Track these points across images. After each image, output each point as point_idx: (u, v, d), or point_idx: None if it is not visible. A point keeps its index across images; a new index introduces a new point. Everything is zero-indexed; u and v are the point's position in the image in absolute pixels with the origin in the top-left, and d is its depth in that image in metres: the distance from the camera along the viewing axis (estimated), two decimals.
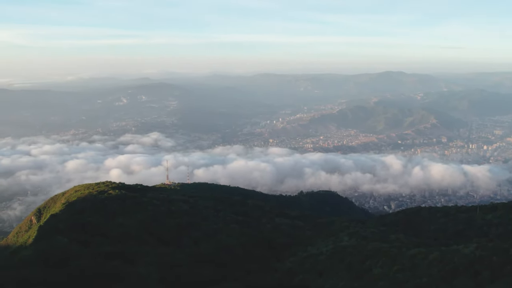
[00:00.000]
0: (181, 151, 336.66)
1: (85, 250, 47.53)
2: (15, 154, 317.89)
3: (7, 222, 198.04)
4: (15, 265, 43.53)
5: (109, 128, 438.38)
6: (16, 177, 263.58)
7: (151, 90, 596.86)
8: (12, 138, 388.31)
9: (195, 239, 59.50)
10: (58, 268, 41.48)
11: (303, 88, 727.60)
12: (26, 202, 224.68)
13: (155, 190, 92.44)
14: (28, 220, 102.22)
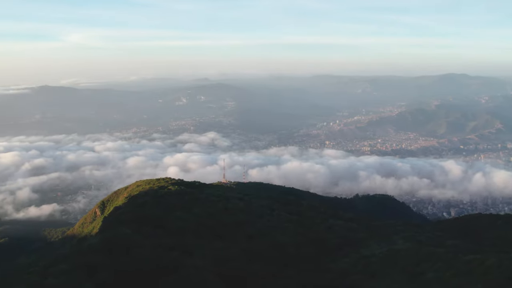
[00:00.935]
0: (236, 150, 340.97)
1: (146, 241, 50.21)
2: (80, 150, 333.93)
3: (72, 214, 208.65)
4: (83, 251, 46.89)
5: (168, 127, 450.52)
6: (80, 172, 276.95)
7: (210, 91, 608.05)
8: (77, 135, 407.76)
9: (250, 236, 60.95)
10: (121, 256, 44.28)
11: (361, 90, 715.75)
12: (90, 195, 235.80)
13: (212, 187, 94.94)
14: (93, 212, 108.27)
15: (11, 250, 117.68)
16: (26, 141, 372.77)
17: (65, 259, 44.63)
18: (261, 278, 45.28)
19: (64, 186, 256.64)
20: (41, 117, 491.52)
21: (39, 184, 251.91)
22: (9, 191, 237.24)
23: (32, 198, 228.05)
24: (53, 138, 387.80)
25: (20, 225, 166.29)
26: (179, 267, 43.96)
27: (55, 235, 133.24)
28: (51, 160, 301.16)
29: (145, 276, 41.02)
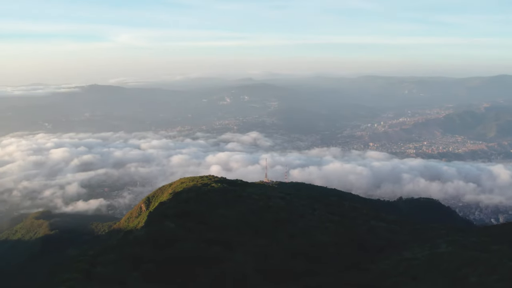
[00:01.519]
0: (278, 151, 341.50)
1: (189, 235, 51.69)
2: (126, 148, 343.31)
3: (118, 209, 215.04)
4: (129, 243, 48.84)
5: (212, 126, 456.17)
6: (126, 168, 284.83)
7: (254, 91, 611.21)
8: (124, 133, 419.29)
9: (291, 234, 61.45)
10: (165, 249, 45.91)
11: (407, 91, 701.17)
12: (135, 192, 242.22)
13: (254, 186, 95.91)
14: (138, 207, 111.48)
15: (61, 242, 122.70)
16: (76, 138, 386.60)
17: (112, 250, 46.72)
18: (301, 275, 45.78)
19: (111, 182, 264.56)
20: (90, 115, 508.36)
21: (87, 179, 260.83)
22: (59, 186, 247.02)
23: (81, 193, 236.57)
24: (101, 136, 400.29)
25: (69, 218, 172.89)
26: (221, 261, 45.13)
27: (102, 228, 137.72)
28: (99, 157, 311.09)
29: (187, 268, 42.36)
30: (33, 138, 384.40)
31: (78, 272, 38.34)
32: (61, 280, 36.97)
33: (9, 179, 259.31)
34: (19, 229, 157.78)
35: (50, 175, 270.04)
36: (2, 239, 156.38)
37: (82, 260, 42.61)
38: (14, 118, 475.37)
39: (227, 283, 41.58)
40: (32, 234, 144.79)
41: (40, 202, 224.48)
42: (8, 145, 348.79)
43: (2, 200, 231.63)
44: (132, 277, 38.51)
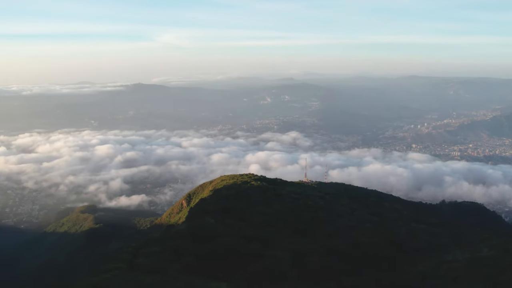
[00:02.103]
0: (318, 151, 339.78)
1: (229, 231, 52.82)
2: (168, 145, 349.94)
3: (160, 205, 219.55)
4: (171, 237, 50.47)
5: (252, 125, 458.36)
6: (168, 165, 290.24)
7: (294, 90, 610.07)
8: (166, 130, 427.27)
9: (329, 234, 61.66)
10: (205, 243, 47.18)
11: (452, 92, 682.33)
12: (176, 188, 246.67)
13: (293, 185, 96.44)
14: (179, 204, 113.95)
15: (104, 235, 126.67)
16: (120, 135, 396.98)
17: (155, 242, 48.45)
18: (338, 274, 46.03)
19: (153, 179, 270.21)
20: (134, 113, 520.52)
21: (130, 175, 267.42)
22: (103, 181, 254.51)
23: (123, 189, 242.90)
24: (144, 133, 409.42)
25: (113, 213, 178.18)
26: (259, 257, 45.98)
27: (144, 224, 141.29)
28: (142, 154, 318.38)
29: (227, 263, 43.44)
30: (79, 135, 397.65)
31: (122, 262, 40.08)
32: (106, 269, 38.74)
33: (56, 173, 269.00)
34: (65, 222, 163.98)
35: (95, 171, 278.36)
36: (50, 231, 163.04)
37: (126, 251, 44.44)
38: (62, 115, 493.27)
39: (265, 279, 42.37)
40: (78, 227, 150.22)
41: (85, 196, 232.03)
42: (56, 141, 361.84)
43: (50, 194, 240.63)
44: (173, 268, 39.90)
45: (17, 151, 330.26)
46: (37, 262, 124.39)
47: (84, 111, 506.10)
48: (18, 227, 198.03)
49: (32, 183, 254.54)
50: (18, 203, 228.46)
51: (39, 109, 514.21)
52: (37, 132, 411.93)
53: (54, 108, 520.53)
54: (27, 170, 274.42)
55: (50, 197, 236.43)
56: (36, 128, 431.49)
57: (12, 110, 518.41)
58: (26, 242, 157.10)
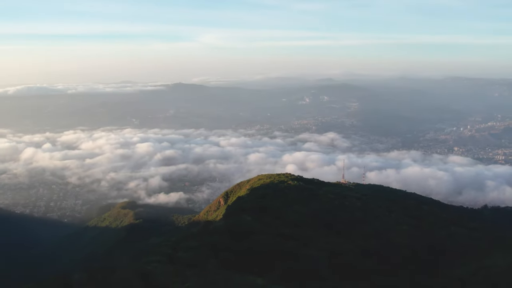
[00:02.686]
0: (355, 152, 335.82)
1: (265, 229, 53.64)
2: (206, 144, 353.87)
3: (197, 203, 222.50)
4: (209, 233, 51.68)
5: (290, 126, 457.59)
6: (205, 164, 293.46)
7: (334, 91, 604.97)
8: (205, 130, 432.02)
9: (365, 234, 61.56)
10: (242, 240, 48.12)
11: (498, 94, 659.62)
12: (213, 187, 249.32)
13: (330, 185, 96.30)
14: (217, 202, 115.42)
15: (144, 231, 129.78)
16: (160, 133, 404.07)
17: (193, 238, 49.77)
18: (373, 274, 46.08)
19: (191, 177, 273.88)
20: (174, 112, 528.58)
21: (168, 173, 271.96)
22: (143, 178, 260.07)
23: (162, 186, 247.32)
24: (183, 132, 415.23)
25: (152, 209, 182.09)
26: (295, 255, 46.56)
27: (182, 220, 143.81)
28: (180, 152, 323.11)
29: (263, 260, 44.19)
30: (121, 133, 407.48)
31: (162, 256, 41.53)
32: (146, 261, 40.24)
33: (98, 170, 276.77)
34: (107, 217, 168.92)
35: (135, 168, 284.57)
36: (92, 225, 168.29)
37: (165, 245, 45.94)
38: (105, 114, 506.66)
39: (300, 276, 42.90)
40: (119, 222, 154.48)
41: (125, 193, 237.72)
42: (99, 138, 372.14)
43: (92, 190, 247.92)
44: (211, 263, 40.96)
45: (62, 147, 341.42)
46: (80, 255, 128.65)
47: (126, 110, 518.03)
48: (61, 220, 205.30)
49: (75, 178, 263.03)
50: (62, 197, 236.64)
51: (83, 107, 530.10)
52: (81, 130, 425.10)
53: (97, 107, 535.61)
54: (71, 166, 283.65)
55: (92, 193, 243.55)
56: (80, 126, 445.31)
57: (58, 108, 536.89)
58: (69, 236, 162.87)
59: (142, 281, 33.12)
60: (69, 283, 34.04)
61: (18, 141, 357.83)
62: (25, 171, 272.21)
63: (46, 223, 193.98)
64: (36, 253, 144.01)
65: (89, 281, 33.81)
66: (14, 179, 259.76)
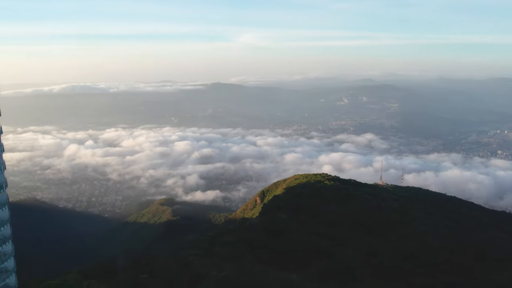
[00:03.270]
0: (394, 154, 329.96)
1: (301, 227, 54.14)
2: (243, 143, 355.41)
3: (234, 202, 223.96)
4: (245, 229, 52.59)
5: (328, 126, 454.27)
6: (242, 163, 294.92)
7: (373, 92, 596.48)
8: (242, 129, 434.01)
9: (401, 235, 61.14)
10: (277, 237, 48.77)
11: None
12: (249, 186, 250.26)
13: (367, 186, 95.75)
14: (253, 200, 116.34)
15: (181, 228, 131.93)
16: (198, 132, 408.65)
17: (230, 234, 50.79)
18: (409, 275, 45.83)
19: (228, 175, 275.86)
20: (213, 111, 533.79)
21: (205, 171, 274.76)
22: (180, 176, 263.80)
23: (199, 184, 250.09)
24: (220, 131, 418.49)
25: (189, 206, 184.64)
26: (330, 253, 46.82)
27: (218, 218, 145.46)
28: (218, 151, 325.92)
29: (298, 257, 44.71)
30: (160, 131, 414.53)
31: (199, 250, 42.66)
32: (184, 254, 41.45)
33: (138, 167, 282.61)
34: (146, 213, 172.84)
35: (173, 166, 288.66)
36: (131, 221, 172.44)
37: (202, 240, 47.10)
38: (145, 112, 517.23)
39: (335, 274, 43.17)
40: (157, 219, 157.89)
41: (163, 190, 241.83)
42: (139, 136, 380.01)
43: (131, 186, 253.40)
44: (246, 258, 41.77)
45: (104, 144, 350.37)
46: (119, 249, 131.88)
47: (166, 109, 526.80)
48: (102, 215, 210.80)
49: (116, 175, 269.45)
50: (103, 193, 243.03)
51: (124, 106, 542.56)
52: (122, 128, 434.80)
53: (138, 105, 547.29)
54: (111, 163, 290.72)
55: (131, 189, 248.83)
56: (121, 124, 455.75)
57: (100, 106, 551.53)
58: (109, 230, 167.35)
59: (182, 268, 34.33)
60: (115, 267, 35.75)
61: (62, 138, 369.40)
62: (68, 167, 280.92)
63: (88, 218, 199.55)
64: (77, 246, 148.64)
65: (133, 266, 35.41)
66: (58, 174, 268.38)
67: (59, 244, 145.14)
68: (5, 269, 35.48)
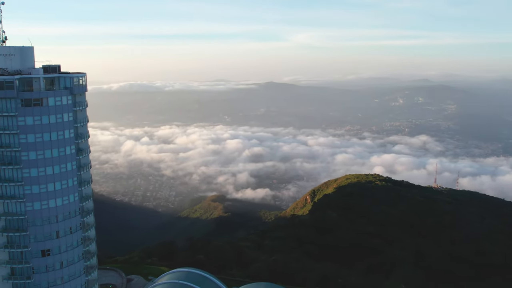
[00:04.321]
0: (449, 156, 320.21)
1: (350, 226, 54.52)
2: (294, 143, 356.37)
3: (284, 201, 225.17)
4: (295, 225, 53.67)
5: (382, 127, 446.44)
6: (292, 163, 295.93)
7: (430, 92, 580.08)
8: (293, 128, 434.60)
9: (453, 239, 60.20)
10: (326, 234, 49.44)
11: None
12: (299, 185, 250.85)
13: (420, 188, 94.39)
14: (304, 199, 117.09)
15: (232, 224, 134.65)
16: (249, 131, 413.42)
17: (280, 229, 52.06)
18: (460, 279, 45.23)
19: (279, 174, 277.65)
20: (265, 111, 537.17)
21: (256, 170, 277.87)
22: (231, 173, 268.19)
23: (250, 182, 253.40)
24: (272, 130, 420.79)
25: (239, 203, 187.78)
26: (380, 252, 46.97)
27: (268, 216, 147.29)
28: (268, 150, 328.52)
29: (345, 253, 45.19)
30: (212, 129, 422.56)
31: (250, 242, 44.07)
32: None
33: (190, 164, 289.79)
34: (198, 208, 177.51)
35: (225, 163, 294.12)
36: (184, 216, 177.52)
37: (254, 234, 48.55)
38: (198, 110, 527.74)
39: (382, 272, 43.31)
40: (209, 214, 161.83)
41: (214, 186, 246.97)
42: (192, 133, 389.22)
43: (184, 183, 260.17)
44: (296, 252, 42.79)
45: (158, 141, 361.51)
46: None
47: (219, 107, 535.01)
48: (156, 210, 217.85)
49: (169, 171, 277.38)
50: (157, 188, 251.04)
51: (179, 104, 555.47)
52: (176, 125, 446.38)
53: (192, 103, 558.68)
54: (165, 159, 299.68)
55: (184, 185, 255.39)
56: (175, 121, 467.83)
57: (156, 104, 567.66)
58: (163, 224, 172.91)
59: (235, 253, 36.27)
60: (174, 248, 39.47)
61: (120, 134, 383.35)
62: (125, 162, 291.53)
63: (143, 212, 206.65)
64: (133, 237, 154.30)
65: (191, 248, 38.64)
66: (115, 169, 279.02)
67: (115, 236, 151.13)
68: (88, 237, 44.84)
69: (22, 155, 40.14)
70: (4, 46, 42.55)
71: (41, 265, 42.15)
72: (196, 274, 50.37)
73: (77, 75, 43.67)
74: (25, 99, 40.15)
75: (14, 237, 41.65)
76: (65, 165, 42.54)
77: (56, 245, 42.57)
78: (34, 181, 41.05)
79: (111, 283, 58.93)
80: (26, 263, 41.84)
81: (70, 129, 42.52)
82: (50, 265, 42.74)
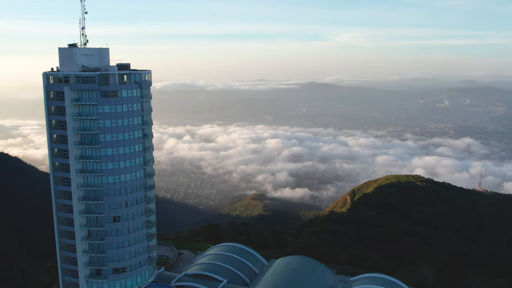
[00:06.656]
0: (494, 160, 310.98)
1: (388, 223, 55.92)
2: (334, 143, 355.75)
3: (324, 201, 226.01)
4: (333, 221, 55.65)
5: (425, 129, 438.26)
6: (331, 163, 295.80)
7: (477, 94, 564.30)
8: (334, 129, 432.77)
9: (495, 241, 60.45)
10: (364, 231, 51.20)
11: None
12: (338, 186, 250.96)
13: (461, 190, 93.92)
14: (343, 199, 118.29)
15: (272, 222, 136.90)
16: (289, 131, 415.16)
17: (317, 224, 54.21)
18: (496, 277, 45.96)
19: (318, 175, 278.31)
20: (306, 111, 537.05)
21: (295, 169, 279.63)
22: (270, 172, 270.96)
23: (289, 181, 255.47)
24: (312, 130, 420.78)
25: (278, 202, 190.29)
26: (415, 249, 48.31)
27: (308, 216, 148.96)
28: (308, 150, 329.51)
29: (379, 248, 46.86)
30: (253, 128, 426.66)
31: (288, 235, 46.43)
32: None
33: (230, 162, 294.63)
34: (238, 206, 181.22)
35: (264, 162, 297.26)
36: (224, 213, 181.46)
37: (292, 227, 50.92)
38: (240, 109, 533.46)
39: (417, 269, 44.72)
40: (249, 212, 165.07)
41: (254, 185, 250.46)
42: (233, 132, 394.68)
43: (224, 181, 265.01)
44: (331, 245, 44.87)
45: (200, 140, 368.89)
46: None
47: (260, 107, 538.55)
48: (198, 207, 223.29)
49: (210, 169, 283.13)
50: (199, 186, 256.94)
51: (220, 103, 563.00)
52: (217, 124, 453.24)
53: (234, 103, 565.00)
54: (207, 157, 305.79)
55: (224, 183, 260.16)
56: (216, 120, 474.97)
57: (198, 103, 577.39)
58: (204, 221, 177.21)
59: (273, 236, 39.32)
60: (219, 228, 44.02)
61: (163, 132, 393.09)
62: (167, 160, 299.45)
63: (184, 209, 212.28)
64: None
65: (234, 230, 42.71)
66: (158, 166, 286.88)
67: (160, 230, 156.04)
68: (149, 208, 54.86)
69: (100, 137, 49.76)
70: (86, 47, 51.75)
71: (112, 229, 52.14)
72: (240, 248, 60.27)
73: (144, 71, 53.20)
74: (104, 91, 49.46)
75: (91, 205, 51.57)
76: (133, 146, 52.20)
77: (125, 213, 52.47)
78: (109, 159, 50.71)
79: (164, 255, 67.66)
80: (100, 227, 52.01)
81: (138, 117, 52.20)
82: (119, 230, 52.61)
